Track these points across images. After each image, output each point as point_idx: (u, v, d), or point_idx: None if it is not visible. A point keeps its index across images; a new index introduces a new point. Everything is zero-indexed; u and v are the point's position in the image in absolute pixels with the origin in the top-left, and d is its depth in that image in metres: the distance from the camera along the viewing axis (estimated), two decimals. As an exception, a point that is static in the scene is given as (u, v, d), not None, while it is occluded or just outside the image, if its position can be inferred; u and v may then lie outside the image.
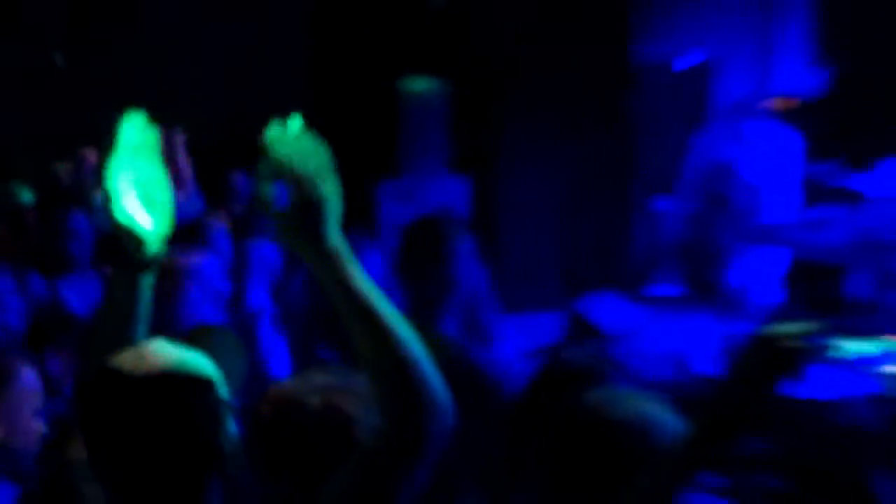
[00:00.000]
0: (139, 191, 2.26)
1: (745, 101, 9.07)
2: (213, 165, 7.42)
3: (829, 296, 5.70)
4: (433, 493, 1.91)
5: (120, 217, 2.27)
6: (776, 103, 9.02)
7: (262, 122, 2.03)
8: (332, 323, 3.11)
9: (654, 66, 9.77)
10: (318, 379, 2.15)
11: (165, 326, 3.25)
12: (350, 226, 2.08)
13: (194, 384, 1.94)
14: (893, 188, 6.03)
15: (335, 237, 1.88)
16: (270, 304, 5.94)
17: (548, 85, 9.33)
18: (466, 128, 9.54)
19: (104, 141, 2.44)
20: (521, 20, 9.34)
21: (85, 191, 6.84)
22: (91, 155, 6.98)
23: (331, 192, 1.88)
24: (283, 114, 2.03)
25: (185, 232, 4.53)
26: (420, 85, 9.87)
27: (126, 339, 2.21)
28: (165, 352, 1.96)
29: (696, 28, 9.98)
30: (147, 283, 2.35)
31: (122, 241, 2.29)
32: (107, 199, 2.33)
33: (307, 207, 1.84)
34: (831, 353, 1.46)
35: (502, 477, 2.59)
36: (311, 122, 2.00)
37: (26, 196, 7.33)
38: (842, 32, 9.46)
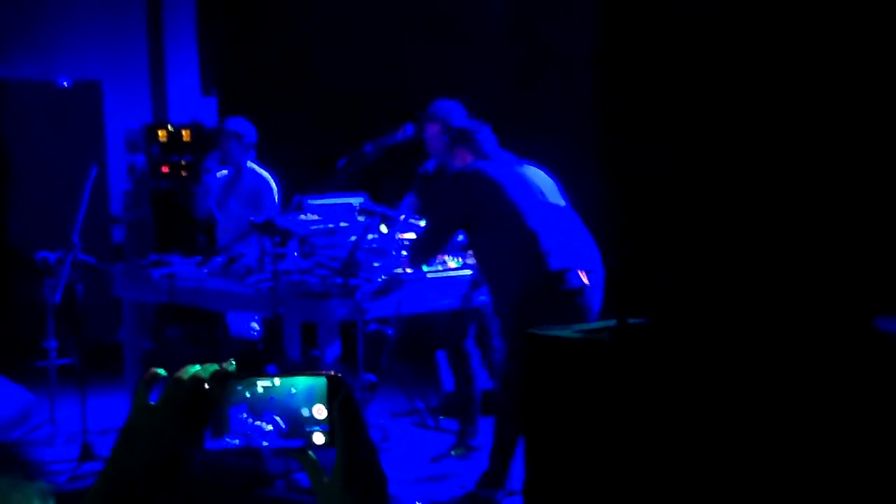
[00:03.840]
0: None
1: (135, 133, 9.02)
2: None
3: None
4: None
5: None
6: (168, 131, 9.52)
7: None
8: None
9: (35, 83, 9.19)
10: None
11: None
12: None
13: None
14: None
15: None
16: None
17: None
18: None
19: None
20: None
21: None
22: None
23: None
24: None
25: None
26: None
27: None
28: None
29: (82, 47, 9.65)
30: None
31: None
32: None
33: None
34: (242, 393, 1.51)
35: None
36: None
37: None
38: (227, 66, 9.84)
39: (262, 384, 1.51)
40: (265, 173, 7.18)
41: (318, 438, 1.49)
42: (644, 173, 3.52)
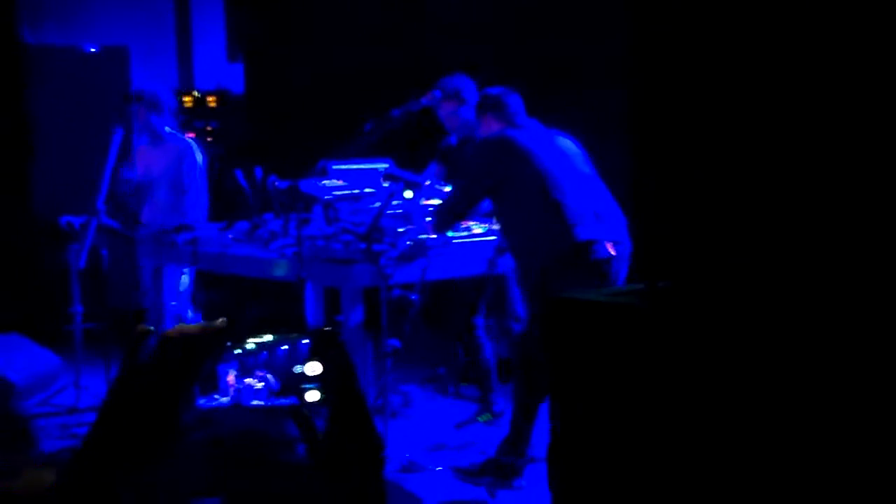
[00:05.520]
0: None
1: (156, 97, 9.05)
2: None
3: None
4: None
5: None
6: (193, 97, 9.61)
7: None
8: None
9: (62, 49, 9.18)
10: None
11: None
12: None
13: None
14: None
15: None
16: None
17: None
18: None
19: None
20: None
21: None
22: None
23: None
24: None
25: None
26: None
27: None
28: None
29: (108, 13, 9.68)
30: None
31: None
32: None
33: None
34: (234, 351, 1.44)
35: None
36: None
37: None
38: (253, 32, 9.73)
39: (253, 341, 1.47)
40: (188, 139, 7.01)
41: (312, 396, 1.44)
42: (671, 135, 3.47)
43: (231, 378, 1.48)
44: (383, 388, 5.44)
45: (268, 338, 1.46)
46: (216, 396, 1.47)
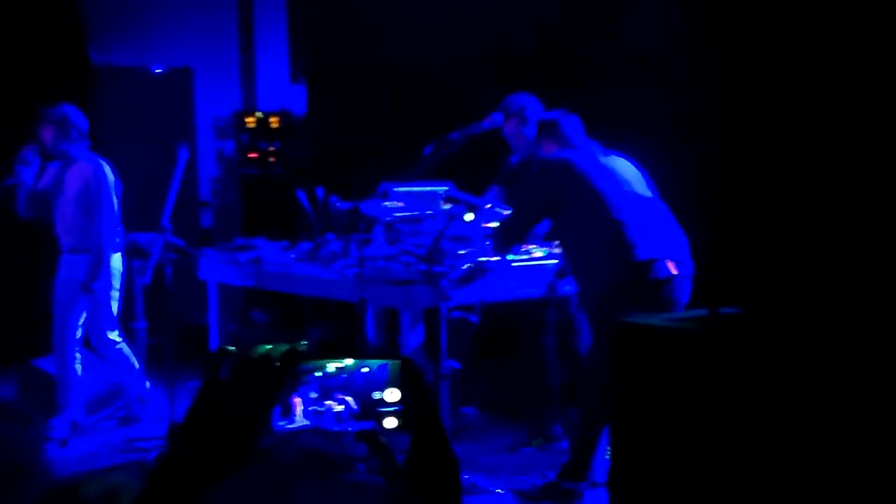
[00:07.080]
0: None
1: (224, 120, 9.12)
2: None
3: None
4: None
5: None
6: (256, 118, 9.72)
7: None
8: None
9: (128, 70, 9.43)
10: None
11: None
12: None
13: None
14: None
15: None
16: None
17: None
18: None
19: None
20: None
21: None
22: None
23: None
24: None
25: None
26: None
27: None
28: None
29: (174, 35, 9.82)
30: None
31: None
32: None
33: None
34: (313, 374, 1.47)
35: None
36: None
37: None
38: (316, 54, 9.83)
39: (333, 365, 1.48)
40: (99, 160, 6.86)
41: (390, 422, 1.45)
42: (741, 159, 3.47)
43: (298, 401, 1.49)
44: (442, 409, 5.46)
45: (348, 362, 1.48)
46: (296, 418, 1.49)
